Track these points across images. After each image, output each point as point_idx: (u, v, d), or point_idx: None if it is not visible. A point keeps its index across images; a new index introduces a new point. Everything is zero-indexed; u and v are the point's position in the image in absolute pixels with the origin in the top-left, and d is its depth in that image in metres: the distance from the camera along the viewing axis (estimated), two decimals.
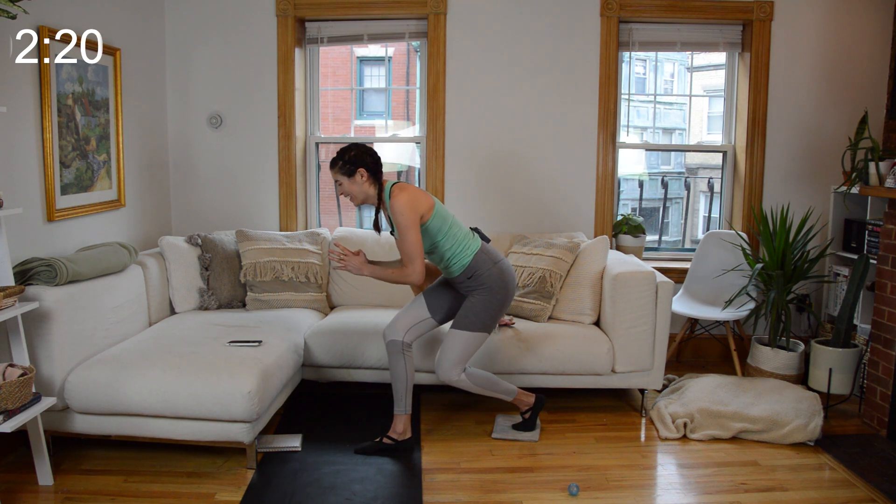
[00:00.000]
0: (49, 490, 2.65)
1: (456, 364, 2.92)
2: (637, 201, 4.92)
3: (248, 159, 4.29)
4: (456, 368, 2.92)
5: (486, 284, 2.89)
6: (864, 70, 4.13)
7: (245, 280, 3.72)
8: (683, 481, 2.80)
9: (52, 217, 3.10)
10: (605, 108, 4.19)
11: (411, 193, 2.80)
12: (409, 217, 2.75)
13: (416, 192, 2.83)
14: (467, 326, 2.90)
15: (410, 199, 2.77)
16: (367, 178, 2.84)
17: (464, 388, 2.98)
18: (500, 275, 2.90)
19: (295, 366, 3.22)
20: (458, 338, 2.91)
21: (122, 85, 3.65)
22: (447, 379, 2.94)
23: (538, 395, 3.17)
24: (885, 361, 3.26)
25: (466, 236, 2.93)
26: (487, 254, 2.92)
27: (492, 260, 2.91)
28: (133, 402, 2.73)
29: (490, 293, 2.89)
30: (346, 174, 2.84)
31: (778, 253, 3.74)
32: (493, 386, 3.03)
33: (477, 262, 2.89)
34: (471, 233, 2.99)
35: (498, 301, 2.91)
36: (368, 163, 2.84)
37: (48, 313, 2.71)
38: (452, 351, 2.91)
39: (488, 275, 2.88)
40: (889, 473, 2.84)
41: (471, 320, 2.89)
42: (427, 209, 2.82)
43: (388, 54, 4.76)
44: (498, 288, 2.90)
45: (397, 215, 2.77)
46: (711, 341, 4.35)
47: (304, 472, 2.79)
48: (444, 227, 2.86)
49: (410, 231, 2.76)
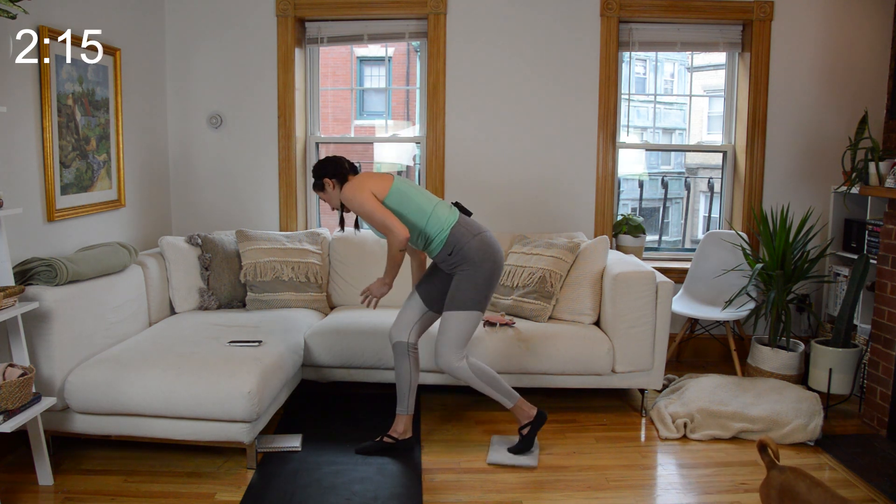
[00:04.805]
0: (49, 490, 2.65)
1: (453, 348, 2.82)
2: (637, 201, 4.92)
3: (248, 159, 4.29)
4: (454, 353, 2.83)
5: (468, 258, 2.80)
6: (864, 70, 4.13)
7: (245, 280, 3.72)
8: (683, 481, 2.80)
9: (52, 217, 3.10)
10: (605, 108, 4.19)
11: (356, 181, 2.85)
12: (359, 198, 2.79)
13: (364, 177, 2.87)
14: (457, 306, 2.81)
15: (354, 184, 2.83)
16: (334, 184, 2.91)
17: (465, 378, 2.87)
18: (480, 246, 2.81)
19: (295, 366, 3.22)
20: (451, 319, 2.82)
21: (122, 85, 3.65)
22: (447, 365, 2.84)
23: (540, 411, 3.00)
24: (885, 361, 3.26)
25: (441, 211, 2.86)
26: (466, 226, 2.85)
27: (471, 232, 2.83)
28: (133, 402, 2.73)
29: (474, 267, 2.79)
30: (319, 189, 2.97)
31: (778, 253, 3.74)
32: (494, 384, 2.93)
33: (455, 236, 2.81)
34: (449, 208, 2.91)
35: (484, 275, 2.80)
36: (329, 171, 2.92)
37: (48, 313, 2.71)
38: (447, 334, 2.83)
39: (468, 247, 2.80)
40: (889, 473, 2.84)
41: (460, 299, 2.81)
42: (380, 188, 2.82)
43: (388, 54, 4.76)
44: (481, 260, 2.79)
45: (349, 202, 2.83)
46: (711, 341, 4.35)
47: (304, 472, 2.79)
48: (405, 202, 2.83)
49: (366, 205, 2.77)
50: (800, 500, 1.95)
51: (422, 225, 2.83)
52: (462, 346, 2.85)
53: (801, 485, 1.98)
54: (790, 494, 1.99)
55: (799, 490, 1.97)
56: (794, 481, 2.00)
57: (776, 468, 2.09)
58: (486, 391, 2.92)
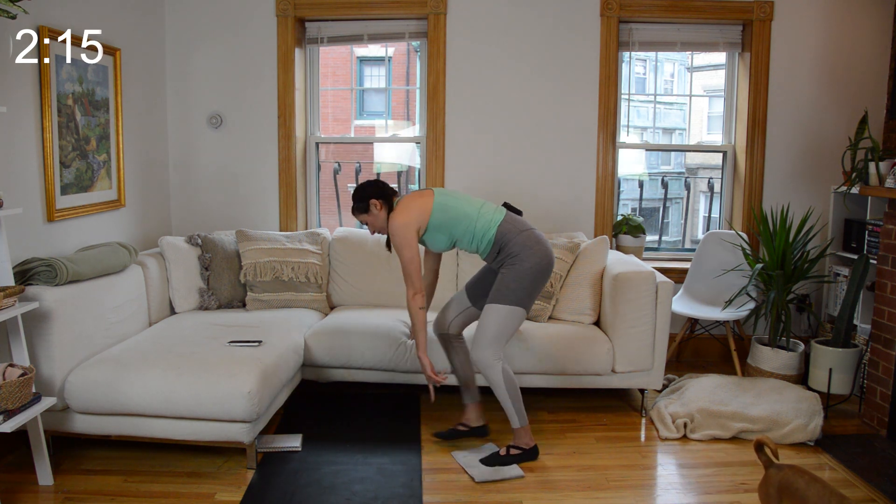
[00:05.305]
0: (49, 490, 2.65)
1: (490, 343, 2.77)
2: (637, 201, 4.92)
3: (248, 159, 4.29)
4: (490, 348, 2.77)
5: (513, 253, 2.80)
6: (864, 70, 4.13)
7: (245, 280, 3.72)
8: (683, 481, 2.80)
9: (52, 217, 3.10)
10: (605, 108, 4.19)
11: (406, 215, 2.86)
12: (402, 237, 2.84)
13: (412, 210, 2.87)
14: (498, 299, 2.79)
15: (404, 222, 2.85)
16: (380, 205, 2.94)
17: (493, 379, 2.79)
18: (526, 241, 2.80)
19: (295, 366, 3.22)
20: (491, 313, 2.79)
21: (122, 85, 3.65)
22: (481, 360, 2.78)
23: (535, 447, 2.93)
24: (885, 361, 3.26)
25: (486, 211, 2.90)
26: (513, 223, 2.87)
27: (517, 229, 2.84)
28: (133, 402, 2.73)
29: (520, 262, 2.78)
30: (362, 211, 2.97)
31: (778, 253, 3.74)
32: (516, 400, 2.85)
33: (501, 234, 2.83)
34: (496, 208, 2.94)
35: (529, 271, 2.77)
36: (375, 192, 2.94)
37: (48, 313, 2.71)
38: (484, 327, 2.79)
39: (514, 243, 2.81)
40: (889, 473, 2.84)
41: (502, 293, 2.78)
42: (424, 217, 2.86)
43: (388, 54, 4.76)
44: (527, 256, 2.78)
45: (392, 236, 2.88)
46: (711, 341, 4.35)
47: (304, 472, 2.79)
48: (448, 213, 2.87)
49: (404, 250, 2.85)
50: (799, 496, 1.96)
51: (471, 229, 2.87)
52: (500, 343, 2.80)
53: (799, 481, 1.98)
54: (789, 491, 1.99)
55: (798, 486, 1.97)
56: (792, 478, 2.00)
57: (774, 466, 2.09)
58: (505, 402, 2.85)
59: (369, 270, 3.95)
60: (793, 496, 1.97)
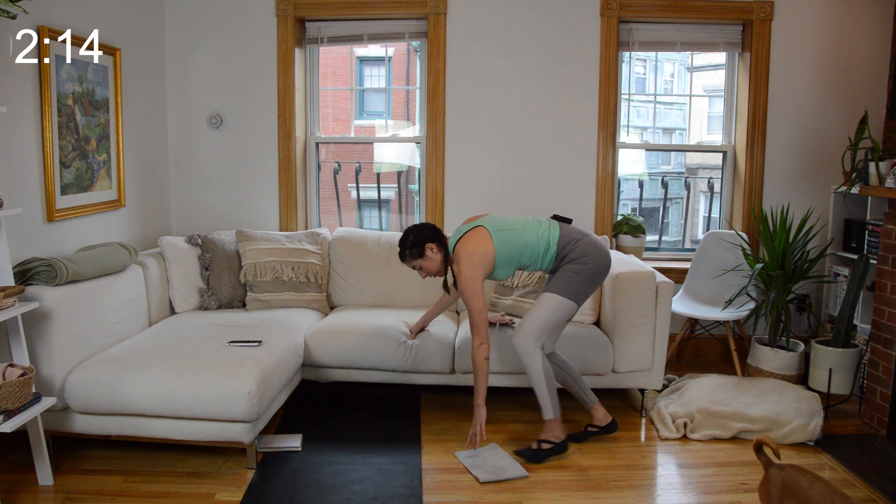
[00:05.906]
0: (49, 490, 2.65)
1: (533, 329, 2.87)
2: (637, 201, 4.92)
3: (248, 159, 4.29)
4: (532, 335, 2.87)
5: (574, 259, 2.91)
6: (864, 70, 4.13)
7: (245, 280, 3.72)
8: (683, 481, 2.80)
9: (52, 217, 3.10)
10: (605, 108, 4.19)
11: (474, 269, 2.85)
12: (473, 289, 2.85)
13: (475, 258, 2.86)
14: (555, 290, 2.90)
15: (473, 274, 2.85)
16: (436, 248, 2.96)
17: (530, 366, 2.87)
18: (585, 248, 2.92)
19: (295, 366, 3.22)
20: (543, 300, 2.91)
21: (122, 85, 3.65)
22: (521, 344, 2.87)
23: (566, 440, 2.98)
24: (885, 361, 3.26)
25: (543, 233, 2.95)
26: (569, 234, 2.96)
27: (574, 239, 2.94)
28: (133, 402, 2.73)
29: (580, 263, 2.90)
30: (417, 257, 2.97)
31: (778, 253, 3.74)
32: (552, 391, 2.91)
33: (561, 247, 2.93)
34: (549, 224, 3.00)
35: (589, 270, 2.90)
36: (429, 235, 2.96)
37: (48, 313, 2.71)
38: (535, 315, 2.89)
39: (574, 251, 2.92)
40: (889, 473, 2.84)
41: (560, 285, 2.90)
42: (489, 264, 2.89)
43: (388, 54, 4.76)
44: (587, 258, 2.90)
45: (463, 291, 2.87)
46: (711, 341, 4.35)
47: (304, 472, 2.79)
48: (510, 252, 2.91)
49: (473, 301, 2.84)
50: (801, 496, 1.95)
51: (535, 255, 2.94)
52: (543, 331, 2.89)
53: (802, 480, 1.98)
54: (791, 490, 1.99)
55: (800, 485, 1.97)
56: (795, 477, 2.00)
57: (775, 466, 2.09)
58: (541, 390, 2.91)
59: (369, 270, 3.95)
60: (795, 496, 1.97)
